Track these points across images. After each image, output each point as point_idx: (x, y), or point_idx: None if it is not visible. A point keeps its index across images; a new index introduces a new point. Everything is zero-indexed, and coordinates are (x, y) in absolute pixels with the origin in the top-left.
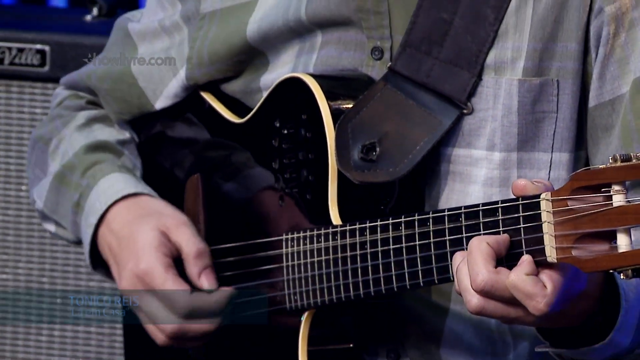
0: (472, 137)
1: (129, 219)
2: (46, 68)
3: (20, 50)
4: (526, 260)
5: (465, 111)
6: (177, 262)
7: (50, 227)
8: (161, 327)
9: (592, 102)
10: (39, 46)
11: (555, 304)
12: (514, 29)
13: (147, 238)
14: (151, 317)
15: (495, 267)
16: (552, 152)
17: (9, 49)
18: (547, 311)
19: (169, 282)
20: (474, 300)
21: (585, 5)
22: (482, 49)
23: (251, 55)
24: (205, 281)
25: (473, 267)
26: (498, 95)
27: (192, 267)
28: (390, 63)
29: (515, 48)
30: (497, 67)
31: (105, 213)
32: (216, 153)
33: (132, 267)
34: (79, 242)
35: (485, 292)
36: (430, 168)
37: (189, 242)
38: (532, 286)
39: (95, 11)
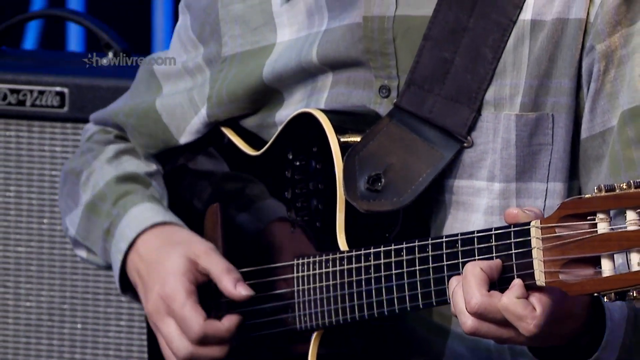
0: (474, 169)
1: (157, 245)
2: (65, 109)
3: (41, 92)
4: (517, 284)
5: (466, 145)
6: (202, 290)
7: (82, 253)
8: (175, 350)
9: (584, 134)
10: (58, 88)
11: (544, 325)
12: (512, 67)
13: (175, 264)
14: (167, 340)
15: (489, 291)
16: (547, 182)
17: (31, 91)
18: (536, 332)
19: (187, 308)
20: (468, 322)
21: (577, 44)
22: (481, 86)
23: (267, 93)
24: (243, 290)
25: (467, 290)
26: (497, 130)
27: (226, 283)
28: (396, 100)
29: (513, 85)
30: (496, 103)
31: (135, 240)
32: (234, 183)
33: (158, 289)
34: (108, 267)
35: (479, 315)
36: (434, 198)
37: (218, 263)
38: (522, 309)
39: (110, 55)
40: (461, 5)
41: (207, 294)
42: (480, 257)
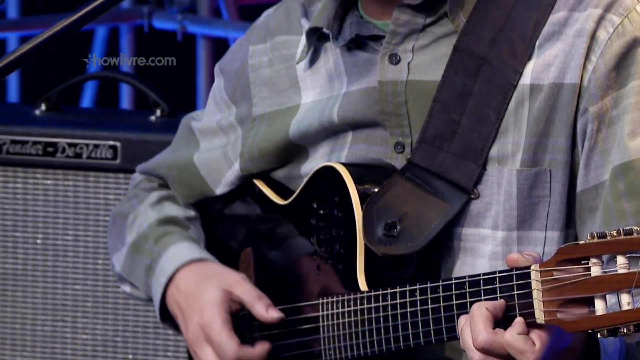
0: (479, 219)
1: (194, 279)
2: (117, 161)
3: (96, 146)
4: (518, 322)
5: (473, 197)
6: (236, 318)
7: (126, 287)
8: None
9: (579, 187)
10: (111, 142)
11: (543, 358)
12: (513, 127)
13: (211, 295)
14: None
15: (494, 328)
16: (546, 230)
17: (87, 145)
18: None
19: (223, 335)
20: (475, 356)
21: (572, 106)
22: (486, 144)
23: (293, 149)
24: (275, 313)
25: (474, 328)
26: (500, 183)
27: (259, 308)
28: (409, 156)
29: (514, 143)
30: (500, 159)
31: (174, 274)
32: (265, 229)
33: (197, 319)
34: (149, 300)
35: (485, 350)
36: (444, 244)
37: (250, 291)
38: (523, 344)
39: (158, 112)
40: (467, 71)
41: (241, 321)
42: (486, 297)
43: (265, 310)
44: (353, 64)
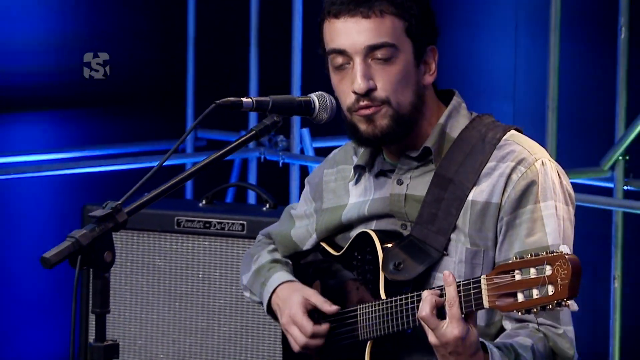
0: (448, 266)
1: (287, 291)
2: (244, 232)
3: (233, 224)
4: (426, 297)
5: (444, 254)
6: (310, 315)
7: (247, 294)
8: (297, 341)
9: (497, 260)
10: (241, 221)
11: (454, 336)
12: (462, 223)
13: (296, 300)
14: (293, 337)
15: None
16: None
17: (228, 223)
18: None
19: (304, 320)
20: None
21: (495, 215)
22: (450, 227)
23: (343, 227)
24: (333, 307)
25: (422, 305)
26: (457, 252)
27: (323, 304)
28: (409, 231)
29: (463, 232)
30: (457, 238)
31: (276, 288)
32: (326, 267)
33: (287, 312)
34: (260, 303)
35: (423, 318)
36: (427, 278)
37: (319, 298)
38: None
39: (268, 205)
40: (440, 187)
41: (312, 317)
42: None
43: (328, 306)
44: (377, 184)
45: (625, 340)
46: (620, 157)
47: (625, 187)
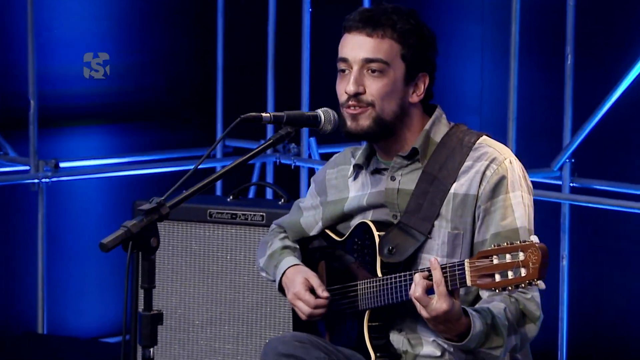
0: (432, 249)
1: (293, 272)
2: (264, 222)
3: (254, 215)
4: (417, 280)
5: (429, 237)
6: (312, 292)
7: (263, 274)
8: (303, 312)
9: (475, 240)
10: (261, 213)
11: (442, 309)
12: (445, 211)
13: (300, 280)
14: (299, 309)
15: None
16: (460, 259)
17: (250, 214)
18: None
19: (307, 295)
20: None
21: (473, 204)
22: (434, 215)
23: (345, 216)
24: (325, 293)
25: (415, 288)
26: (440, 236)
27: (318, 288)
28: (400, 219)
29: (445, 218)
30: (439, 224)
31: (286, 270)
32: (330, 252)
33: (292, 289)
34: (273, 281)
35: (417, 297)
36: (414, 259)
37: (316, 280)
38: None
39: (282, 200)
40: (426, 182)
41: (314, 293)
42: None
43: (321, 291)
44: (373, 180)
45: (571, 306)
46: (567, 160)
47: (571, 184)
